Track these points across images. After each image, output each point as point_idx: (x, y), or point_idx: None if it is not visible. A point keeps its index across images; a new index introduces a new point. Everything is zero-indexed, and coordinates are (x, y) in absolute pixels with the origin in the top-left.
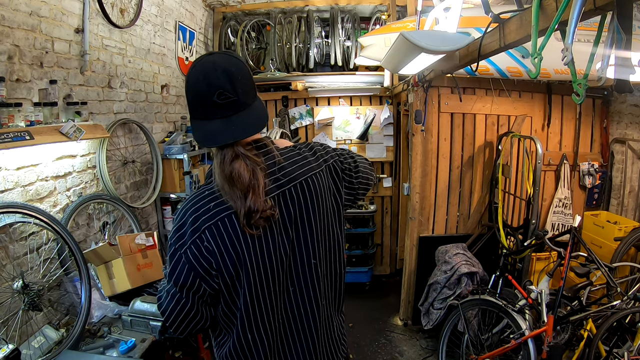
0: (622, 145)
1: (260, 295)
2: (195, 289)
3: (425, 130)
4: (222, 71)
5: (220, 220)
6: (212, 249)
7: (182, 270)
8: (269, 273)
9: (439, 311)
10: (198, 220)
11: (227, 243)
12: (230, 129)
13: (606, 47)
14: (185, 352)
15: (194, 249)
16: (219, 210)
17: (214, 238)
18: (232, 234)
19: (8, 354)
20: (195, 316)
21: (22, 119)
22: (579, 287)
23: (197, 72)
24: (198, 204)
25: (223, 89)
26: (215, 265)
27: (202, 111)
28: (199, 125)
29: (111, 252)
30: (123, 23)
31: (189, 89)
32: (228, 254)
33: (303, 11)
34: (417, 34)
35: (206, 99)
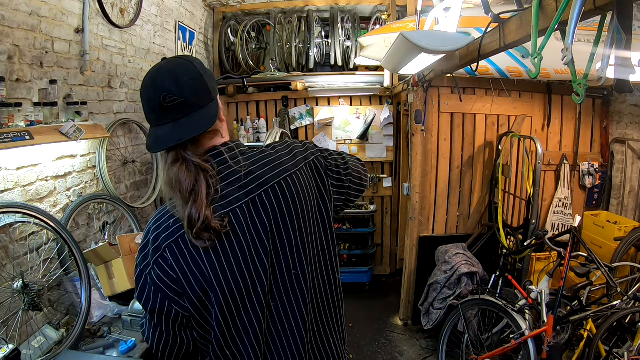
0: (622, 145)
1: (235, 314)
2: (166, 312)
3: (425, 130)
4: (168, 74)
5: (181, 237)
6: (175, 268)
7: (150, 293)
8: (243, 290)
9: (439, 311)
10: (159, 239)
11: (189, 261)
12: (176, 132)
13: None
14: None
15: (157, 269)
16: (179, 226)
17: (175, 256)
18: (193, 251)
19: (8, 354)
20: (175, 343)
21: (22, 119)
22: (579, 287)
23: (147, 78)
24: (159, 221)
25: (168, 92)
26: (180, 285)
27: (154, 117)
28: (151, 132)
29: (111, 252)
30: (123, 23)
31: (142, 97)
32: (192, 272)
33: (303, 11)
34: (417, 34)
35: (154, 104)
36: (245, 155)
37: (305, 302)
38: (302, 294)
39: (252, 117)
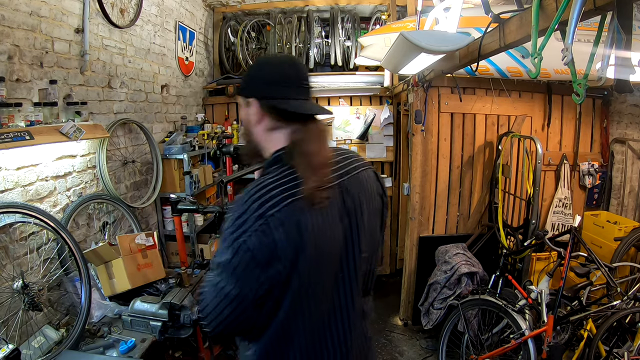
0: (622, 145)
1: (312, 282)
2: (252, 283)
3: (425, 130)
4: (302, 65)
5: (285, 207)
6: (275, 235)
7: (242, 261)
8: (324, 260)
9: (439, 311)
10: (261, 208)
11: (291, 228)
12: (312, 107)
13: (606, 47)
14: (185, 352)
15: (257, 236)
16: (284, 196)
17: (277, 225)
18: (295, 220)
19: (8, 354)
20: (244, 319)
21: (22, 119)
22: (579, 287)
23: (282, 58)
24: (261, 191)
25: (306, 78)
26: (275, 251)
27: (286, 90)
28: (282, 101)
29: (111, 252)
30: (123, 23)
31: (276, 69)
32: (291, 238)
33: (303, 11)
34: (417, 34)
35: (293, 82)
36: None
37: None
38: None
39: None
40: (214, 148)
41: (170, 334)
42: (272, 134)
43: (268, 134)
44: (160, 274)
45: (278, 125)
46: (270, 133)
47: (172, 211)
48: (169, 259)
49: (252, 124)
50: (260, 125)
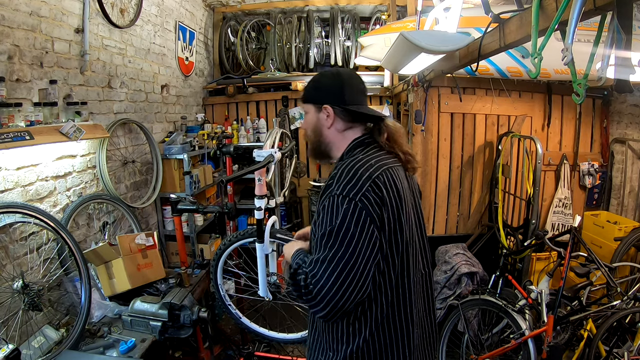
0: (622, 145)
1: (406, 247)
2: (367, 240)
3: (425, 130)
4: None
5: (384, 171)
6: (384, 191)
7: (358, 218)
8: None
9: (439, 311)
10: (367, 171)
11: (393, 187)
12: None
13: (606, 47)
14: (185, 352)
15: (368, 194)
16: (381, 164)
17: (384, 182)
18: (394, 181)
19: (8, 354)
20: (358, 282)
21: (22, 119)
22: (579, 287)
23: (350, 72)
24: (359, 162)
25: (365, 87)
26: (388, 205)
27: (359, 97)
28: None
29: (111, 252)
30: (123, 23)
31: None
32: (395, 195)
33: (303, 11)
34: (417, 34)
35: (362, 90)
36: None
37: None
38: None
39: (252, 117)
40: (214, 148)
41: (170, 334)
42: (345, 133)
43: (340, 134)
44: (160, 274)
45: (349, 125)
46: (345, 132)
47: (172, 211)
48: (169, 259)
49: (325, 127)
50: (333, 127)
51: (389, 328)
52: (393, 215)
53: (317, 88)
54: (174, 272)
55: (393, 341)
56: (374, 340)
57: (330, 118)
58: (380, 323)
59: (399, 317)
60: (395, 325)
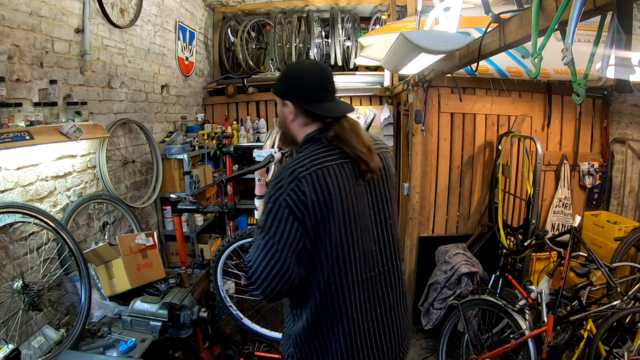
0: (622, 145)
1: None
2: (292, 238)
3: (425, 130)
4: (327, 69)
5: (314, 171)
6: (308, 191)
7: (282, 217)
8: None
9: (439, 311)
10: (294, 172)
11: (320, 186)
12: (340, 107)
13: (606, 47)
14: (185, 352)
15: (292, 194)
16: (314, 164)
17: (309, 184)
18: (324, 181)
19: (8, 354)
20: (286, 272)
21: (22, 119)
22: (579, 287)
23: (310, 65)
24: (295, 163)
25: (331, 81)
26: (308, 206)
27: (317, 94)
28: (314, 104)
29: (111, 252)
30: (123, 23)
31: (306, 76)
32: (321, 195)
33: (303, 11)
34: (417, 34)
35: (321, 85)
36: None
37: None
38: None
39: (252, 117)
40: (214, 148)
41: (170, 334)
42: (306, 127)
43: (302, 128)
44: (160, 274)
45: (310, 121)
46: (304, 127)
47: (172, 211)
48: (169, 259)
49: (289, 121)
50: (295, 122)
51: (325, 321)
52: (319, 216)
53: (283, 82)
54: (174, 272)
55: (330, 334)
56: (310, 328)
57: (292, 114)
58: (317, 315)
59: (336, 312)
60: (331, 319)
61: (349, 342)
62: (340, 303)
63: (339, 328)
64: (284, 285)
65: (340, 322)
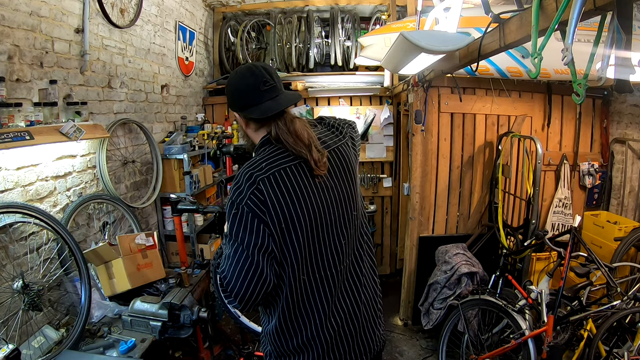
0: (622, 145)
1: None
2: (260, 238)
3: (425, 130)
4: (262, 68)
5: (272, 174)
6: (266, 195)
7: (247, 221)
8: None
9: (439, 311)
10: (252, 176)
11: (278, 188)
12: (278, 103)
13: (606, 47)
14: (185, 352)
15: (253, 197)
16: (271, 166)
17: (266, 186)
18: (281, 182)
19: (8, 354)
20: (261, 276)
21: (22, 119)
22: (579, 287)
23: (242, 71)
24: (251, 166)
25: (266, 79)
26: (270, 208)
27: (253, 97)
28: (253, 108)
29: (111, 252)
30: (123, 23)
31: (239, 83)
32: (280, 195)
33: (303, 11)
34: (417, 34)
35: (255, 87)
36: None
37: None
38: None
39: None
40: (214, 148)
41: (170, 334)
42: (258, 131)
43: (256, 133)
44: (160, 274)
45: (260, 125)
46: (257, 132)
47: (172, 211)
48: (169, 259)
49: (244, 128)
50: (248, 129)
51: (297, 317)
52: (281, 217)
53: (227, 96)
54: (174, 272)
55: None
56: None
57: (243, 122)
58: (288, 312)
59: (307, 307)
60: (303, 315)
61: (322, 334)
62: (310, 298)
63: (312, 322)
64: (260, 289)
65: (312, 317)
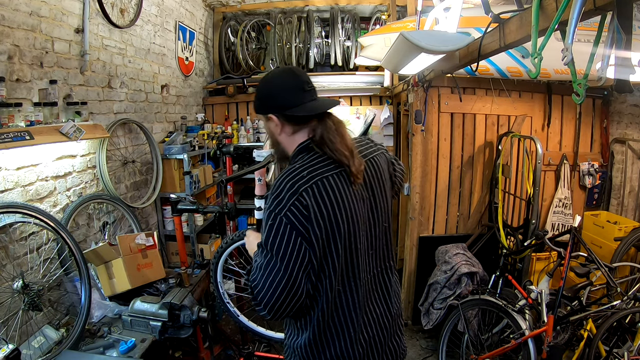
0: (622, 145)
1: (348, 251)
2: (296, 251)
3: (425, 130)
4: (301, 71)
5: (314, 183)
6: (310, 205)
7: (284, 233)
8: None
9: (439, 311)
10: (295, 185)
11: (322, 199)
12: (323, 103)
13: (606, 47)
14: (185, 352)
15: (294, 209)
16: (313, 175)
17: (310, 197)
18: (324, 192)
19: (8, 354)
20: (292, 288)
21: (22, 119)
22: (579, 287)
23: (282, 72)
24: (292, 174)
25: (308, 80)
26: (313, 220)
27: (295, 97)
28: (296, 108)
29: (111, 252)
30: (123, 23)
31: (280, 83)
32: (323, 207)
33: (303, 11)
34: (417, 34)
35: (298, 88)
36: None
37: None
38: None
39: (252, 117)
40: (214, 148)
41: (170, 334)
42: (294, 136)
43: (291, 138)
44: (160, 274)
45: (297, 128)
46: (293, 136)
47: (172, 211)
48: (169, 259)
49: (276, 134)
50: (283, 133)
51: (331, 329)
52: (323, 229)
53: (259, 98)
54: (174, 272)
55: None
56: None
57: (278, 126)
58: (323, 324)
59: (341, 319)
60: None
61: (356, 346)
62: (345, 309)
63: (346, 334)
64: (292, 303)
65: (346, 328)
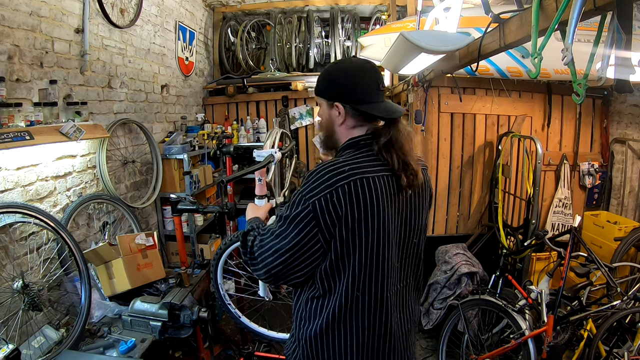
0: (622, 145)
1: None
2: (307, 240)
3: (425, 130)
4: (378, 69)
5: (353, 181)
6: (341, 202)
7: (304, 218)
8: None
9: (439, 311)
10: (332, 179)
11: (356, 198)
12: (395, 108)
13: (606, 47)
14: (185, 352)
15: (323, 200)
16: (354, 172)
17: (345, 193)
18: (361, 192)
19: (8, 354)
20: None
21: (22, 119)
22: (579, 287)
23: (361, 65)
24: (333, 167)
25: (382, 82)
26: (342, 217)
27: (372, 95)
28: (372, 105)
29: (111, 252)
30: (123, 23)
31: (361, 76)
32: (356, 207)
33: (303, 11)
34: (417, 34)
35: (373, 87)
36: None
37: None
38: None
39: (252, 117)
40: (214, 148)
41: (170, 334)
42: (353, 130)
43: (348, 131)
44: (160, 274)
45: (360, 124)
46: (351, 130)
47: (172, 211)
48: (169, 259)
49: (336, 123)
50: (343, 125)
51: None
52: (350, 229)
53: (331, 82)
54: (174, 272)
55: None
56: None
57: (342, 116)
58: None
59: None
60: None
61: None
62: (358, 316)
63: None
64: (289, 276)
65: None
